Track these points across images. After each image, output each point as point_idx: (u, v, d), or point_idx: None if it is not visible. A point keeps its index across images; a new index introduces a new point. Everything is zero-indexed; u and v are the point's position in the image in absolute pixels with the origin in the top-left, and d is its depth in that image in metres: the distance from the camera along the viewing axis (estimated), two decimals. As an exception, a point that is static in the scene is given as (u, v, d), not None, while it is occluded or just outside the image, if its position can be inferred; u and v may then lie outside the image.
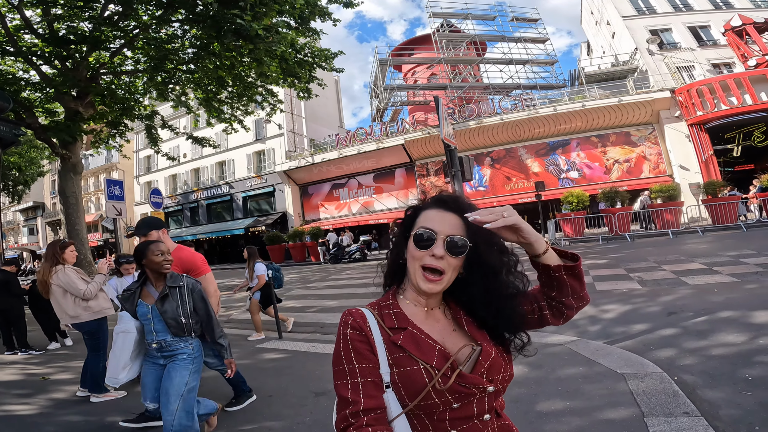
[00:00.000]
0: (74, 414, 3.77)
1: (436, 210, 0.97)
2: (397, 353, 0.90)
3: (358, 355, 0.89)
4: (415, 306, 0.98)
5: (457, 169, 4.62)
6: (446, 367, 0.88)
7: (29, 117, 9.64)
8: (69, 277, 3.89)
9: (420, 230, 0.94)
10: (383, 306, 0.98)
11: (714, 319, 4.50)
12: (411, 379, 0.88)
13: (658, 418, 2.43)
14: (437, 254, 0.91)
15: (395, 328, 0.93)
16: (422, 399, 0.86)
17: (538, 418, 2.71)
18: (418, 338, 0.92)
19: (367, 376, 0.88)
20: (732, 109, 17.52)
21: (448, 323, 0.98)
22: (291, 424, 3.13)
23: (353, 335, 0.91)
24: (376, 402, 0.86)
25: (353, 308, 0.97)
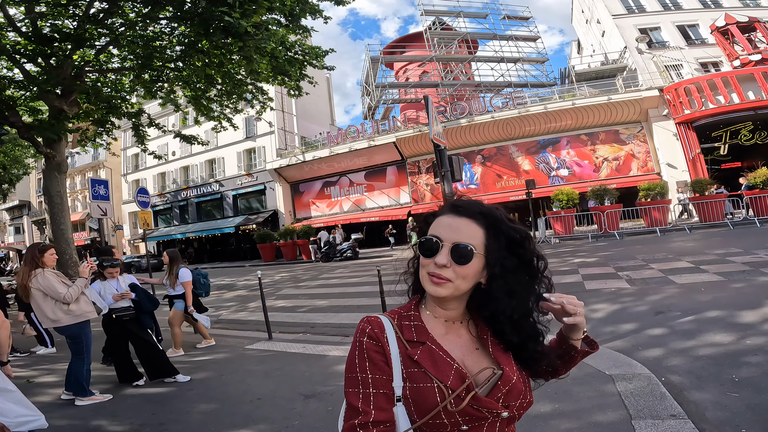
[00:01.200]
0: (59, 417, 3.69)
1: (449, 216, 0.93)
2: (412, 368, 0.87)
3: (372, 365, 0.87)
4: (435, 318, 0.94)
5: (447, 169, 4.59)
6: (461, 388, 0.84)
7: (13, 115, 9.44)
8: (48, 281, 3.81)
9: (426, 238, 0.92)
10: (404, 316, 0.95)
11: (701, 318, 4.54)
12: (423, 397, 0.85)
13: (646, 421, 2.44)
14: (439, 262, 0.87)
15: (414, 342, 0.90)
16: (431, 418, 0.84)
17: (527, 420, 2.70)
18: (436, 355, 0.88)
19: (380, 387, 0.86)
20: (719, 108, 17.75)
21: (470, 340, 0.94)
22: (279, 428, 3.09)
23: (369, 344, 0.89)
24: (386, 415, 0.84)
25: (372, 316, 0.94)
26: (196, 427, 3.29)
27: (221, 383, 4.31)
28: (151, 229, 29.92)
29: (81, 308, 3.91)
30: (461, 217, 0.91)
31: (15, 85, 10.19)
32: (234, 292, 12.30)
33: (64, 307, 3.82)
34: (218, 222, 29.21)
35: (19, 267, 4.10)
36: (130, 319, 4.43)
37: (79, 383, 3.91)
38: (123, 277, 4.62)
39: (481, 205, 0.94)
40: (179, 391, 4.17)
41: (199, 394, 4.02)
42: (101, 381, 4.54)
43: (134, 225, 35.00)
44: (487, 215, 0.92)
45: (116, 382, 4.48)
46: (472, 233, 0.89)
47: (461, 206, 0.94)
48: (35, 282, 3.77)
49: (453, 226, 0.90)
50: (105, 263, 4.50)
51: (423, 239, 0.92)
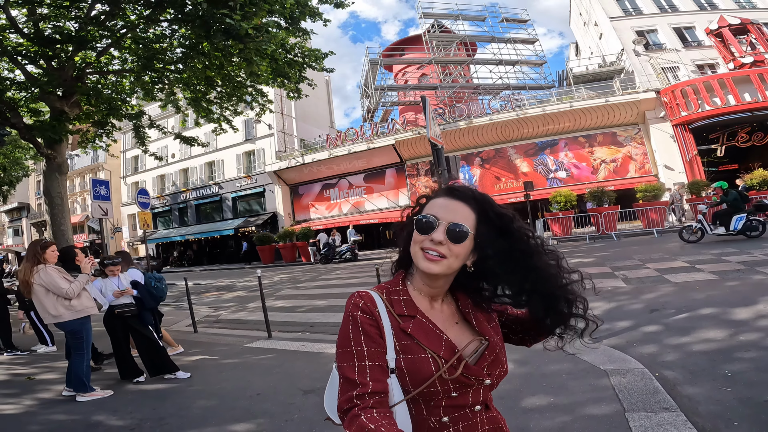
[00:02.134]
0: (60, 413, 3.75)
1: (444, 198, 0.98)
2: (405, 340, 0.92)
3: (367, 338, 0.90)
4: (421, 294, 0.99)
5: (444, 168, 4.66)
6: (455, 358, 0.90)
7: (14, 116, 9.49)
8: (51, 276, 3.85)
9: (423, 216, 0.95)
10: (393, 291, 0.99)
11: (695, 316, 4.60)
12: (417, 367, 0.89)
13: (639, 414, 2.49)
14: (436, 239, 0.92)
15: (404, 315, 0.94)
16: (427, 387, 0.89)
17: (523, 413, 2.76)
18: (426, 327, 0.94)
19: (375, 360, 0.88)
20: (716, 110, 17.86)
21: (451, 315, 1.00)
22: (279, 421, 3.14)
23: (363, 318, 0.92)
24: (382, 386, 0.87)
25: (362, 290, 0.98)
26: (196, 421, 3.33)
27: (221, 380, 4.35)
28: (151, 230, 29.95)
29: (83, 303, 3.95)
30: (456, 200, 0.97)
31: (16, 86, 10.24)
32: (233, 293, 12.33)
33: (66, 303, 3.86)
34: (218, 224, 29.22)
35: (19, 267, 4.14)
36: (132, 316, 4.47)
37: (80, 379, 3.94)
38: (124, 274, 4.67)
39: (474, 191, 1.00)
40: (180, 387, 4.21)
41: (199, 390, 4.06)
42: (102, 378, 4.58)
43: (133, 227, 35.00)
44: (479, 200, 0.98)
45: (117, 379, 4.52)
46: (466, 215, 0.95)
47: (457, 190, 0.99)
48: (37, 278, 3.82)
49: (449, 208, 0.95)
50: (107, 261, 4.55)
51: (420, 217, 0.96)
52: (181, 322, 8.25)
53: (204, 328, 7.42)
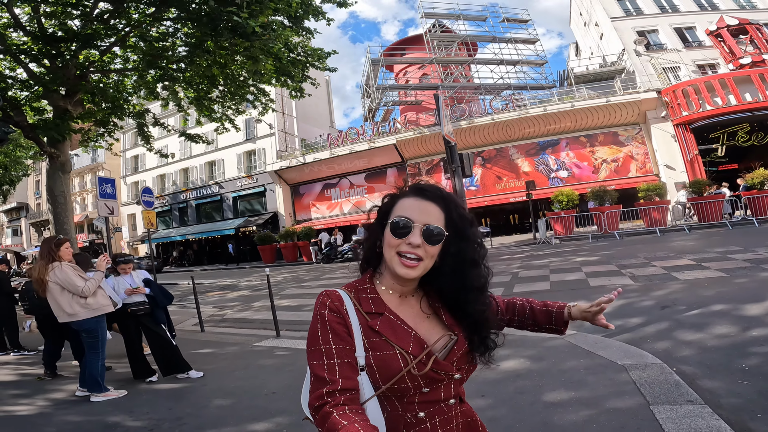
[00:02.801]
0: (75, 414, 3.72)
1: (414, 198, 0.97)
2: (373, 337, 0.92)
3: (335, 336, 0.90)
4: (390, 293, 0.99)
5: (458, 165, 4.66)
6: (423, 354, 0.91)
7: (17, 115, 9.45)
8: (66, 274, 3.82)
9: (397, 218, 0.94)
10: (360, 289, 0.99)
11: (707, 312, 4.61)
12: (387, 364, 0.90)
13: (664, 406, 2.50)
14: (414, 243, 0.92)
15: (372, 313, 0.95)
16: (396, 383, 0.89)
17: (545, 408, 2.76)
18: (394, 324, 0.94)
19: (344, 357, 0.89)
20: (717, 110, 17.93)
21: (420, 311, 1.01)
22: (298, 419, 3.12)
23: (330, 317, 0.92)
24: (351, 383, 0.87)
25: (330, 289, 0.98)
26: (214, 421, 3.30)
27: (234, 378, 4.34)
28: (156, 229, 29.89)
29: (98, 302, 3.92)
30: (427, 200, 0.97)
31: (19, 84, 10.20)
32: (237, 293, 12.32)
33: (82, 301, 3.83)
34: (218, 224, 29.18)
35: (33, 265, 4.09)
36: (145, 314, 4.46)
37: (94, 379, 3.91)
38: (136, 272, 4.66)
39: (441, 190, 1.01)
40: (194, 386, 4.19)
41: (214, 389, 4.05)
42: (114, 377, 4.56)
43: (133, 227, 34.92)
44: (446, 200, 0.99)
45: (129, 379, 4.50)
46: (438, 216, 0.96)
47: (427, 190, 1.00)
48: (53, 275, 3.78)
49: (421, 209, 0.95)
50: (118, 259, 4.53)
51: (395, 220, 0.95)
52: (186, 321, 8.24)
53: (210, 327, 7.41)
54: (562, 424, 2.54)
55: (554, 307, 1.19)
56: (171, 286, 15.88)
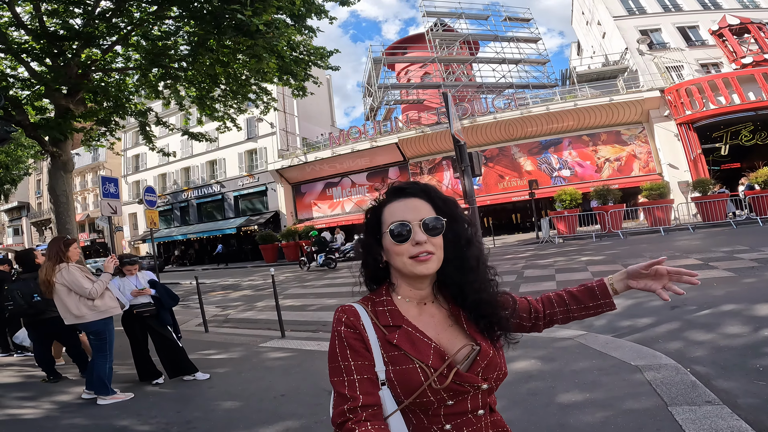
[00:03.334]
0: (82, 417, 3.66)
1: (397, 201, 0.97)
2: (392, 351, 0.90)
3: (353, 353, 0.89)
4: (408, 302, 0.97)
5: (467, 164, 4.62)
6: (443, 366, 0.88)
7: (19, 114, 9.42)
8: (73, 276, 3.77)
9: (392, 226, 0.93)
10: (377, 302, 0.97)
11: (717, 312, 4.57)
12: (407, 378, 0.88)
13: (682, 407, 2.46)
14: (420, 240, 0.91)
15: (390, 326, 0.93)
16: (417, 397, 0.87)
17: (560, 410, 2.72)
18: (413, 336, 0.92)
19: (363, 373, 0.88)
20: (720, 109, 17.87)
21: (443, 318, 0.98)
22: (309, 422, 3.09)
23: (347, 333, 0.91)
24: (373, 399, 0.86)
25: (346, 305, 0.97)
26: (224, 424, 3.26)
27: (241, 380, 4.29)
28: (158, 228, 29.86)
29: (106, 304, 3.87)
30: (411, 198, 0.97)
31: (21, 83, 10.17)
32: (239, 292, 12.29)
33: (89, 303, 3.78)
34: (219, 223, 29.15)
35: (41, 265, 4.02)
36: (150, 316, 4.42)
37: (102, 381, 3.86)
38: (142, 273, 4.62)
39: (419, 183, 1.01)
40: (200, 389, 4.14)
41: (221, 392, 4.00)
42: (119, 380, 4.51)
43: (134, 226, 34.90)
44: (426, 191, 0.99)
45: (135, 381, 4.45)
46: (427, 208, 0.96)
47: (406, 188, 0.99)
48: (59, 277, 3.74)
49: (410, 207, 0.95)
50: (124, 260, 4.49)
51: (392, 228, 0.93)
52: (190, 321, 8.21)
53: (214, 327, 7.37)
54: (578, 425, 2.50)
55: (593, 283, 1.13)
56: (173, 285, 15.87)
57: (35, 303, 4.51)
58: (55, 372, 4.78)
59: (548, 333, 4.41)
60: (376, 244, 0.98)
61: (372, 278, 1.04)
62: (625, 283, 1.10)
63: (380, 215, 0.98)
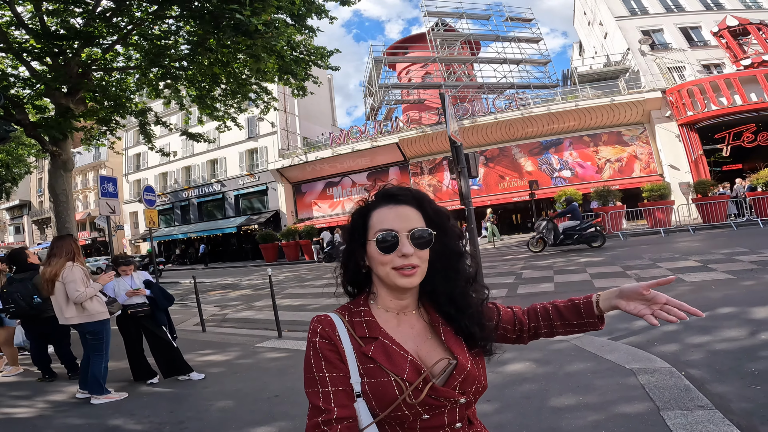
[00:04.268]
0: (75, 417, 3.67)
1: (387, 207, 0.93)
2: (367, 363, 0.88)
3: (328, 364, 0.87)
4: (387, 312, 0.95)
5: (464, 166, 4.61)
6: (419, 381, 0.86)
7: (19, 113, 9.44)
8: (74, 275, 3.78)
9: (380, 234, 0.90)
10: (354, 312, 0.95)
11: (715, 315, 4.55)
12: (382, 391, 0.86)
13: (674, 412, 2.45)
14: (407, 253, 0.88)
15: (366, 338, 0.91)
16: (392, 410, 0.85)
17: (552, 413, 2.71)
18: (389, 349, 0.89)
19: (338, 385, 0.86)
20: (722, 110, 17.82)
21: (423, 329, 0.95)
22: (301, 423, 3.06)
23: (322, 344, 0.89)
24: (348, 411, 0.85)
25: (322, 314, 0.94)
26: (216, 424, 3.26)
27: (236, 381, 4.29)
28: (157, 227, 29.94)
29: (94, 308, 3.89)
30: (402, 205, 0.93)
31: (21, 83, 10.19)
32: (238, 292, 12.30)
33: (75, 305, 3.81)
34: (220, 222, 29.19)
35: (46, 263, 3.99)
36: (145, 316, 4.42)
37: (97, 381, 3.87)
38: (137, 273, 4.62)
39: (411, 190, 0.98)
40: (195, 389, 4.14)
41: (216, 392, 4.00)
42: (114, 379, 4.51)
43: (135, 225, 34.97)
44: (419, 199, 0.96)
45: (130, 381, 4.46)
46: (417, 218, 0.93)
47: (398, 194, 0.95)
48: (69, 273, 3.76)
49: (400, 215, 0.92)
50: (120, 260, 4.49)
51: (380, 236, 0.90)
52: (188, 321, 8.20)
53: (212, 327, 7.37)
54: (569, 430, 2.49)
55: (580, 299, 1.06)
56: (172, 284, 15.90)
57: (36, 305, 4.53)
58: (50, 371, 4.79)
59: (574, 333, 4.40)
60: (360, 248, 0.95)
61: (351, 282, 1.02)
62: (612, 302, 1.01)
63: (367, 219, 0.95)
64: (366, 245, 0.94)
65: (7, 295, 4.62)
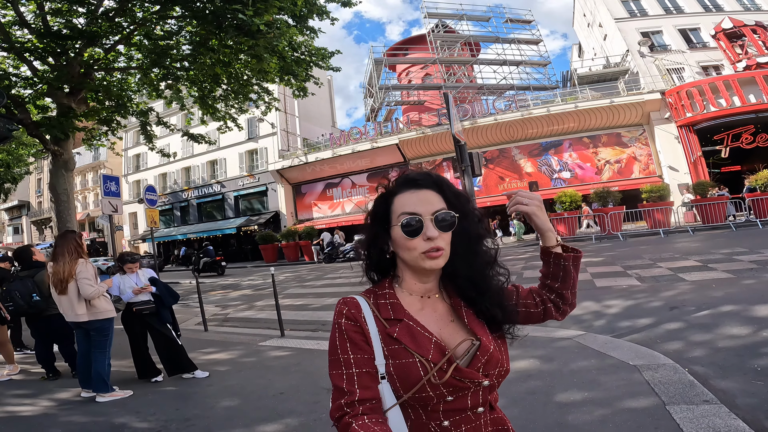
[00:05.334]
0: (81, 414, 3.67)
1: (410, 192, 0.94)
2: (392, 345, 0.89)
3: (353, 346, 0.88)
4: (411, 295, 0.96)
5: (467, 164, 4.63)
6: (443, 361, 0.86)
7: (21, 112, 9.45)
8: (89, 272, 3.81)
9: (405, 219, 0.91)
10: (379, 295, 0.96)
11: (716, 313, 4.58)
12: (406, 372, 0.86)
13: (680, 406, 2.47)
14: (432, 236, 0.90)
15: (391, 320, 0.92)
16: (417, 392, 0.86)
17: (558, 408, 2.73)
18: (414, 330, 0.90)
19: (362, 366, 0.87)
20: (721, 111, 17.88)
21: (446, 313, 0.96)
22: (307, 420, 3.10)
23: (348, 325, 0.90)
24: (371, 393, 0.85)
25: (348, 297, 0.96)
26: (222, 422, 3.27)
27: (240, 379, 4.30)
28: (158, 227, 29.87)
29: (102, 305, 3.92)
30: (423, 190, 0.94)
31: (23, 82, 10.20)
32: (239, 291, 12.30)
33: (86, 303, 3.82)
34: (219, 223, 29.16)
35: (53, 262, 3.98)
36: (150, 314, 4.43)
37: (101, 378, 3.87)
38: (142, 271, 4.63)
39: (431, 174, 0.99)
40: (199, 387, 4.15)
41: (220, 390, 4.01)
42: (118, 377, 4.52)
43: (134, 225, 34.91)
44: (439, 183, 0.97)
45: (134, 379, 4.46)
46: (438, 201, 0.94)
47: (419, 179, 0.96)
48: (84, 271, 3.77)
49: (422, 199, 0.93)
50: (126, 258, 4.50)
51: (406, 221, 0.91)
52: (189, 320, 8.20)
53: (214, 326, 7.37)
54: (576, 424, 2.51)
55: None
56: (173, 285, 15.87)
57: (35, 303, 4.52)
58: (54, 369, 4.79)
59: (547, 333, 4.43)
60: (384, 234, 0.96)
61: (376, 268, 1.03)
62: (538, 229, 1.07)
63: (390, 204, 0.96)
64: (390, 230, 0.95)
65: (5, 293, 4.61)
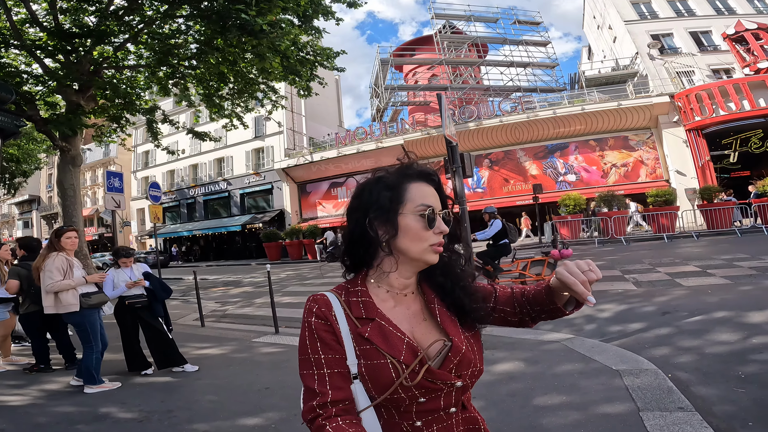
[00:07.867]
0: (67, 405, 3.74)
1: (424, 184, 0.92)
2: (364, 345, 0.86)
3: (323, 345, 0.85)
4: (386, 292, 0.92)
5: (458, 165, 4.64)
6: (415, 363, 0.84)
7: (31, 109, 9.62)
8: (50, 265, 3.87)
9: (428, 210, 0.88)
10: (351, 292, 0.92)
11: (708, 319, 4.54)
12: (378, 373, 0.84)
13: (654, 413, 2.47)
14: (444, 231, 0.90)
15: (362, 318, 0.88)
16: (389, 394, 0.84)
17: (535, 411, 2.73)
18: (386, 330, 0.87)
19: (334, 367, 0.84)
20: (730, 115, 17.64)
21: (419, 311, 0.93)
22: (288, 415, 3.13)
23: (318, 324, 0.87)
24: (344, 393, 0.83)
25: (318, 294, 0.91)
26: (204, 414, 3.32)
27: (229, 373, 4.36)
28: (162, 223, 30.20)
29: (67, 299, 3.96)
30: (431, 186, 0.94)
31: (33, 79, 10.37)
32: (240, 289, 12.39)
33: (51, 295, 3.90)
34: (225, 220, 29.40)
35: None
36: (142, 307, 4.49)
37: (89, 371, 3.95)
38: (136, 265, 4.70)
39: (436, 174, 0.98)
40: (188, 380, 4.21)
41: (208, 384, 4.07)
42: (109, 370, 4.58)
43: (142, 221, 35.31)
44: (438, 182, 0.97)
45: (124, 371, 4.53)
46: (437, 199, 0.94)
47: (431, 175, 0.95)
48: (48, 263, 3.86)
49: (434, 194, 0.93)
50: (121, 252, 4.57)
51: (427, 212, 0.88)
52: (188, 316, 8.28)
53: (211, 322, 7.44)
54: (550, 428, 2.51)
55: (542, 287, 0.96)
56: (176, 281, 16.05)
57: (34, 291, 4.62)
58: (47, 362, 4.88)
59: (536, 336, 4.42)
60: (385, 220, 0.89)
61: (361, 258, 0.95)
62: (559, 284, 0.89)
63: (402, 191, 0.90)
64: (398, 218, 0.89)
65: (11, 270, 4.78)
